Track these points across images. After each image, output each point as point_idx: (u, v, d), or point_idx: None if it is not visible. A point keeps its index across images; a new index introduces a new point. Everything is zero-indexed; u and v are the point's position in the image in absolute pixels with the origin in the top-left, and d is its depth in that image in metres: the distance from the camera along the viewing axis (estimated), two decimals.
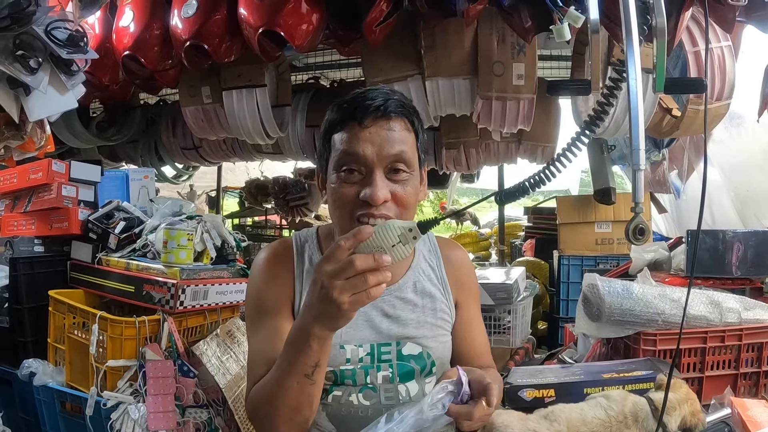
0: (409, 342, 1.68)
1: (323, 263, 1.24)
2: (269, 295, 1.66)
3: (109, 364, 2.55)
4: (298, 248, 1.74)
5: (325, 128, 1.61)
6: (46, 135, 2.73)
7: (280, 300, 1.66)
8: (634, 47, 1.86)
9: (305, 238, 1.77)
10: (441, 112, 3.40)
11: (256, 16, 2.87)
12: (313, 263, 1.68)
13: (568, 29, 2.26)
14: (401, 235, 1.26)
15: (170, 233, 2.73)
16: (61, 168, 3.22)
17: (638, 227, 1.96)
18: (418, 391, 1.70)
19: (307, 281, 1.64)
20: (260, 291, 1.68)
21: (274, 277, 1.68)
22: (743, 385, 2.47)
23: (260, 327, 1.63)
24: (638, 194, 1.97)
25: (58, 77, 2.36)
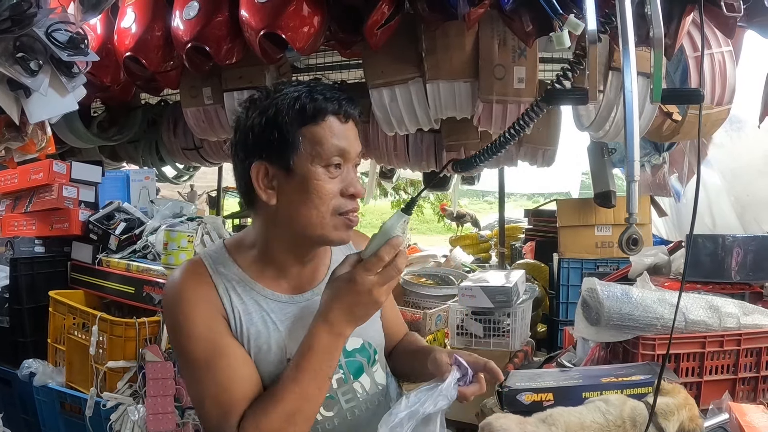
0: (351, 337, 1.61)
1: (366, 274, 1.38)
2: (211, 323, 1.51)
3: (108, 365, 2.56)
4: (211, 265, 1.59)
5: (293, 117, 1.48)
6: (47, 136, 2.74)
7: (220, 322, 1.52)
8: (631, 58, 1.87)
9: (215, 253, 1.63)
10: (442, 114, 3.40)
11: (258, 18, 2.87)
12: (230, 276, 1.57)
13: (568, 36, 2.26)
14: (401, 227, 1.42)
15: (170, 235, 2.73)
16: (62, 169, 3.23)
17: (631, 237, 1.97)
18: (371, 383, 1.72)
19: (234, 295, 1.55)
20: (197, 320, 1.49)
21: (203, 299, 1.52)
22: (741, 390, 2.47)
23: (217, 358, 1.47)
24: (632, 205, 1.98)
25: (58, 79, 2.36)
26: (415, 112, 3.32)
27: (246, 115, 1.54)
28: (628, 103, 1.87)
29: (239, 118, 1.57)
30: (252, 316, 1.55)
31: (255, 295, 1.58)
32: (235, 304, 1.54)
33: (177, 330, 1.49)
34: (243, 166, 1.55)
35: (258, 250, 1.62)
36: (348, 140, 1.52)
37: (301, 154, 1.48)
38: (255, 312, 1.56)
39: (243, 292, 1.57)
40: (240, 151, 1.56)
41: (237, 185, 1.62)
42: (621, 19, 1.89)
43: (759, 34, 2.64)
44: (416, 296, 4.32)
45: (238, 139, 1.56)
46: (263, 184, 1.52)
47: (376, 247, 1.40)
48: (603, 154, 4.27)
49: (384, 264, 1.38)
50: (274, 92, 1.54)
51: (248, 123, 1.53)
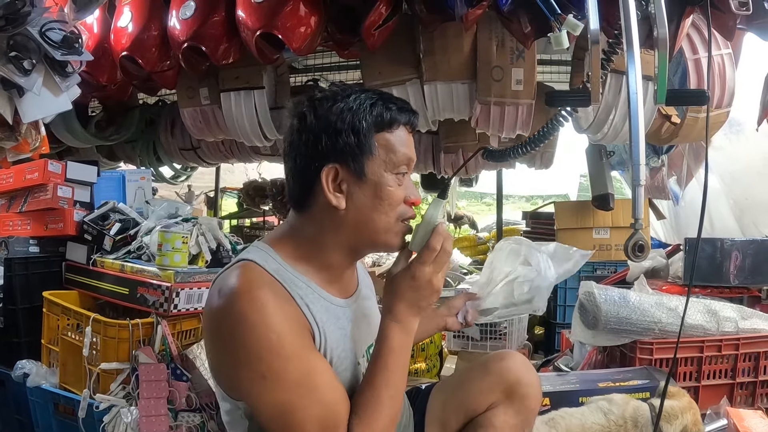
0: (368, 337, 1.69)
1: (423, 267, 1.47)
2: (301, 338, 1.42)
3: (101, 366, 2.54)
4: (274, 271, 1.48)
5: (370, 122, 1.49)
6: (41, 136, 2.71)
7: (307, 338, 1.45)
8: (635, 59, 1.83)
9: (267, 257, 1.52)
10: (439, 116, 3.39)
11: (254, 18, 2.85)
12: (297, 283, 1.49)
13: (567, 37, 2.23)
14: (441, 213, 1.53)
15: (165, 236, 2.71)
16: (57, 168, 3.21)
17: (638, 244, 1.92)
18: None
19: (310, 303, 1.48)
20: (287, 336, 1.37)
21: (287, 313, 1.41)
22: (739, 395, 2.48)
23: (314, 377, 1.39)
24: (638, 210, 1.93)
25: (52, 79, 2.34)
26: None
27: (314, 117, 1.50)
28: (633, 104, 1.84)
29: (302, 117, 1.53)
30: (329, 324, 1.52)
31: (323, 302, 1.54)
32: (315, 313, 1.49)
33: (263, 350, 1.35)
34: (307, 168, 1.51)
35: (310, 254, 1.57)
36: (413, 151, 1.57)
37: (375, 160, 1.50)
38: (329, 319, 1.53)
39: (315, 300, 1.52)
40: (305, 151, 1.51)
41: (291, 186, 1.58)
42: (625, 20, 1.85)
43: (758, 36, 2.63)
44: None
45: (303, 140, 1.51)
46: (333, 188, 1.49)
47: (422, 236, 1.50)
48: (601, 157, 4.27)
49: (436, 253, 1.47)
50: (342, 95, 1.52)
51: (318, 124, 1.50)
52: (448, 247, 1.48)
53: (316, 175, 1.49)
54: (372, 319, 1.71)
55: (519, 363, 1.80)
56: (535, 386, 1.78)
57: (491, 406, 1.76)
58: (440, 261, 1.47)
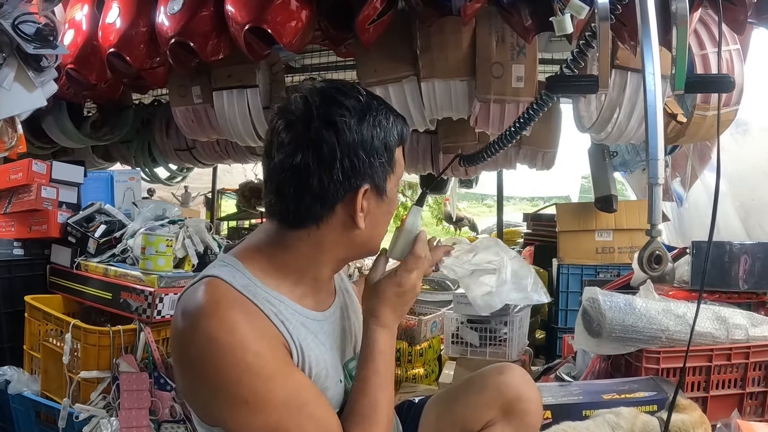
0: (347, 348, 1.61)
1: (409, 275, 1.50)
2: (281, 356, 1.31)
3: (81, 375, 2.45)
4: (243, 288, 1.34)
5: (392, 138, 1.42)
6: (18, 134, 2.62)
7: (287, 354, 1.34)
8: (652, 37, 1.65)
9: (234, 272, 1.38)
10: (437, 115, 3.30)
11: (243, 12, 2.77)
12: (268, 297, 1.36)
13: (570, 21, 2.08)
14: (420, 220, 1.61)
15: (148, 239, 2.62)
16: (41, 168, 3.13)
17: (654, 254, 1.68)
18: None
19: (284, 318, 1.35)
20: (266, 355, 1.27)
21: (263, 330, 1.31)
22: (749, 406, 2.42)
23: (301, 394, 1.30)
24: (655, 214, 1.69)
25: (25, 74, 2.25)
26: (409, 111, 3.22)
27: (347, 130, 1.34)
28: (649, 90, 1.66)
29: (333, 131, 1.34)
30: (306, 340, 1.39)
31: (298, 317, 1.41)
32: (290, 329, 1.36)
33: (240, 373, 1.23)
34: (334, 186, 1.35)
35: (286, 269, 1.43)
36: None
37: (392, 176, 1.47)
38: (307, 335, 1.40)
39: (290, 316, 1.38)
40: (337, 169, 1.34)
41: (293, 201, 1.38)
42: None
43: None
44: None
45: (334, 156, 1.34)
46: (364, 209, 1.40)
47: (404, 244, 1.55)
48: (604, 157, 4.21)
49: (422, 259, 1.52)
50: (367, 107, 1.38)
51: (354, 141, 1.35)
52: (429, 254, 1.55)
53: (345, 194, 1.36)
54: (350, 332, 1.61)
55: (518, 377, 1.68)
56: (535, 402, 1.67)
57: (488, 423, 1.64)
58: (422, 267, 1.53)
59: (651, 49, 1.64)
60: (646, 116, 1.65)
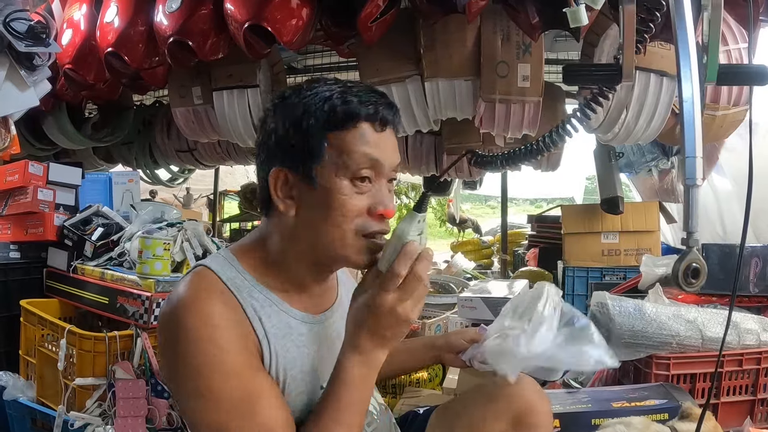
0: None
1: (384, 295, 1.24)
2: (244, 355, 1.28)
3: (77, 382, 2.40)
4: (230, 280, 1.35)
5: (320, 120, 1.32)
6: (11, 135, 2.57)
7: (253, 355, 1.31)
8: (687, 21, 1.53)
9: (225, 266, 1.39)
10: (441, 115, 3.25)
11: (243, 10, 2.71)
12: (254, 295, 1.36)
13: (584, 12, 1.96)
14: (417, 229, 1.30)
15: (145, 242, 2.56)
16: (38, 170, 3.08)
17: (691, 267, 1.50)
18: (376, 403, 1.60)
19: (264, 317, 1.34)
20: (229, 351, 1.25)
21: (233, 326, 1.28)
22: (760, 412, 2.37)
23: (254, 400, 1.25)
24: (692, 220, 1.52)
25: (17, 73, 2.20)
26: (412, 112, 3.17)
27: (273, 112, 1.39)
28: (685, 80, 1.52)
29: (265, 116, 1.42)
30: (285, 341, 1.37)
31: (284, 316, 1.39)
32: (267, 328, 1.34)
33: (202, 365, 1.23)
34: (262, 171, 1.40)
35: (273, 264, 1.43)
36: (382, 151, 1.35)
37: (325, 163, 1.33)
38: (287, 336, 1.38)
39: (273, 314, 1.37)
40: (261, 153, 1.41)
41: (259, 190, 1.46)
42: None
43: None
44: None
45: (261, 140, 1.42)
46: (281, 193, 1.36)
47: (390, 255, 1.28)
48: (610, 158, 4.17)
49: (400, 279, 1.24)
50: (306, 90, 1.37)
51: (272, 123, 1.38)
52: (419, 270, 1.25)
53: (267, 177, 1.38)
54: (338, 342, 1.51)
55: (530, 389, 1.60)
56: (547, 415, 1.60)
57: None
58: (408, 287, 1.25)
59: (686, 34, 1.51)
60: (682, 111, 1.53)
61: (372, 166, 1.33)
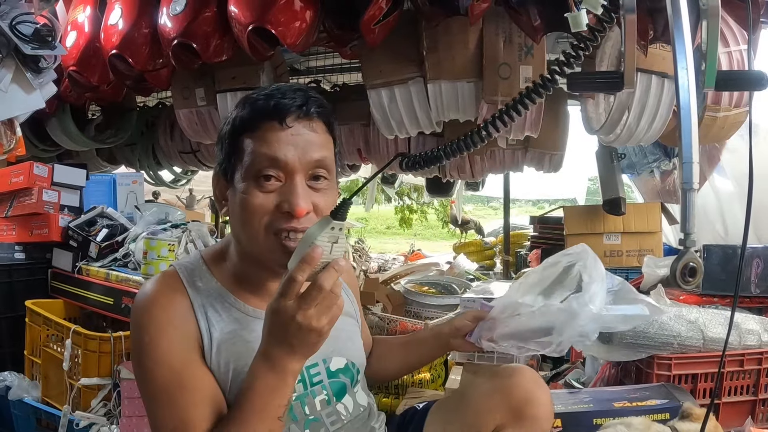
0: (335, 356, 1.55)
1: (283, 301, 1.17)
2: (178, 350, 1.35)
3: (82, 382, 2.42)
4: (188, 279, 1.45)
5: (233, 127, 1.41)
6: (17, 137, 2.58)
7: (190, 350, 1.38)
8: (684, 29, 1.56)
9: (191, 265, 1.50)
10: (444, 116, 3.26)
11: (246, 12, 2.73)
12: (208, 291, 1.45)
13: (585, 17, 1.99)
14: (330, 236, 1.18)
15: (150, 243, 2.59)
16: (43, 171, 3.10)
17: (689, 266, 1.55)
18: (353, 404, 1.59)
19: (212, 313, 1.42)
20: (163, 346, 1.34)
21: (171, 323, 1.37)
22: (761, 413, 2.38)
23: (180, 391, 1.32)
24: (689, 222, 1.59)
25: (23, 75, 2.22)
26: (415, 113, 3.18)
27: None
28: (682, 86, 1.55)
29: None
30: (231, 336, 1.41)
31: (235, 312, 1.45)
32: (213, 322, 1.41)
33: (140, 350, 1.36)
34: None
35: (231, 264, 1.50)
36: (286, 148, 1.36)
37: (238, 166, 1.40)
38: (235, 330, 1.42)
39: (222, 309, 1.44)
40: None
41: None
42: None
43: None
44: (417, 306, 4.17)
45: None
46: (219, 196, 1.50)
47: (296, 257, 1.18)
48: (612, 160, 4.16)
49: (299, 285, 1.17)
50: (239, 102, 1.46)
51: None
52: (322, 280, 1.16)
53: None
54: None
55: (529, 379, 1.60)
56: (546, 406, 1.59)
57: (497, 428, 1.57)
58: (309, 297, 1.16)
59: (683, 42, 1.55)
60: (679, 115, 1.56)
61: (273, 165, 1.36)
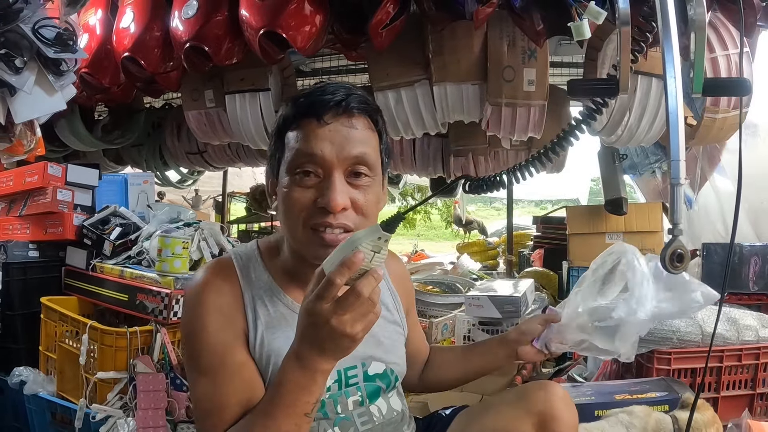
0: (374, 361, 1.57)
1: (319, 303, 1.11)
2: (223, 335, 1.40)
3: (98, 375, 2.47)
4: (242, 269, 1.51)
5: (278, 125, 1.46)
6: (36, 137, 2.64)
7: (236, 336, 1.42)
8: (673, 42, 1.66)
9: (246, 255, 1.55)
10: (449, 118, 3.32)
11: (258, 17, 2.79)
12: (260, 284, 1.50)
13: (588, 26, 2.09)
14: (374, 245, 1.13)
15: (164, 241, 2.64)
16: (57, 171, 3.15)
17: (676, 252, 1.67)
18: (387, 407, 1.61)
19: (260, 306, 1.46)
20: (210, 329, 1.39)
21: (221, 309, 1.41)
22: (759, 406, 2.42)
23: (220, 372, 1.38)
24: (677, 213, 1.72)
25: (45, 78, 2.28)
26: (421, 115, 3.24)
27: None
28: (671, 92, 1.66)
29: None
30: (276, 331, 1.45)
31: (281, 307, 1.49)
32: (260, 315, 1.46)
33: (189, 333, 1.42)
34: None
35: (283, 256, 1.55)
36: (323, 144, 1.37)
37: (281, 161, 1.45)
38: (280, 326, 1.46)
39: (270, 303, 1.48)
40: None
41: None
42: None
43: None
44: (422, 305, 4.21)
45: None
46: (271, 191, 1.53)
47: (334, 259, 1.13)
48: (614, 160, 4.20)
49: (337, 289, 1.11)
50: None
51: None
52: (361, 287, 1.11)
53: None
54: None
55: (558, 397, 1.55)
56: (572, 426, 1.55)
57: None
58: (346, 302, 1.11)
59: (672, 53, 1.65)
60: (668, 119, 1.67)
61: (311, 161, 1.37)
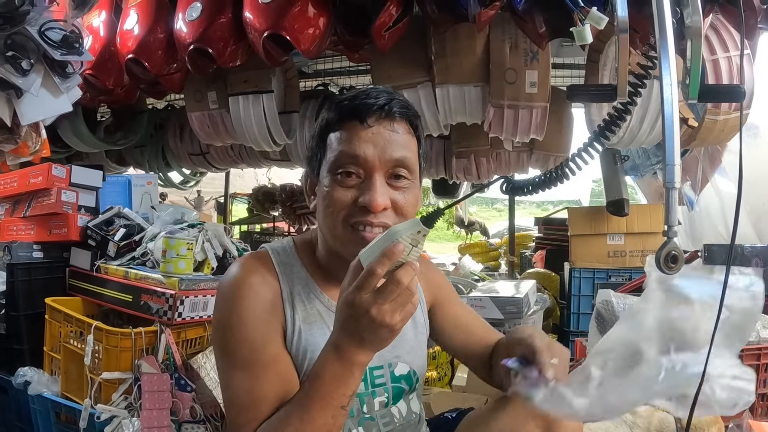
0: (400, 362, 1.59)
1: (359, 294, 1.13)
2: (262, 329, 1.41)
3: (103, 376, 2.47)
4: (280, 263, 1.53)
5: (321, 127, 1.49)
6: (42, 139, 2.66)
7: (274, 330, 1.44)
8: (669, 48, 1.69)
9: (284, 250, 1.58)
10: (451, 120, 3.33)
11: (262, 19, 2.81)
12: (298, 279, 1.52)
13: (590, 31, 2.12)
14: (413, 239, 1.16)
15: (169, 242, 2.64)
16: (61, 172, 3.16)
17: (671, 254, 1.71)
18: (407, 409, 1.64)
19: (298, 301, 1.49)
20: (249, 324, 1.40)
21: (261, 303, 1.43)
22: (761, 407, 2.41)
23: (258, 366, 1.38)
24: (672, 216, 1.75)
25: (51, 79, 2.30)
26: (423, 116, 3.25)
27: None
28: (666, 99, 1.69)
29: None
30: (312, 327, 1.48)
31: (318, 304, 1.52)
32: (298, 310, 1.48)
33: (225, 326, 1.42)
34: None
35: (318, 254, 1.58)
36: (365, 146, 1.40)
37: (323, 161, 1.47)
38: (316, 322, 1.49)
39: (307, 299, 1.51)
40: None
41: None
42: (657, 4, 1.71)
43: None
44: None
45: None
46: (308, 191, 1.57)
47: (373, 250, 1.16)
48: (615, 161, 4.20)
49: (377, 279, 1.13)
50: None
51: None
52: (401, 276, 1.13)
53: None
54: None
55: None
56: (577, 428, 1.55)
57: None
58: (386, 291, 1.13)
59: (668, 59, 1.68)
60: (664, 123, 1.69)
61: (353, 162, 1.40)
